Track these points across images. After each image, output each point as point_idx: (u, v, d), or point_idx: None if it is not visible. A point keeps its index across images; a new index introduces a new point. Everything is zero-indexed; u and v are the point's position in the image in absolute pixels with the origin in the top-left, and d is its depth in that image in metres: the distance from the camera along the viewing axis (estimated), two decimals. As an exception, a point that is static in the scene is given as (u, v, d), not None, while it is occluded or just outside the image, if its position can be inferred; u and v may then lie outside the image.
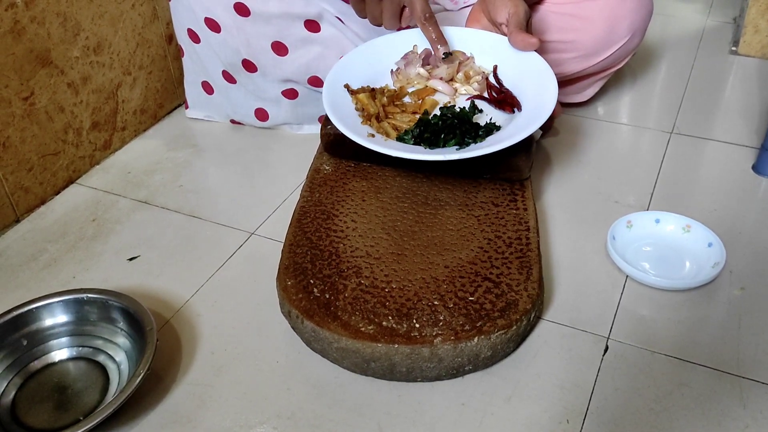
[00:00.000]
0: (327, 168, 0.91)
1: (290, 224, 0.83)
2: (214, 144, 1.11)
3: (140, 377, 0.65)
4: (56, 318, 0.74)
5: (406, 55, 0.92)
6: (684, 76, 1.25)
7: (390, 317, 0.69)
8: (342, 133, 0.89)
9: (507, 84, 0.89)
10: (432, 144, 0.81)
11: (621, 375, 0.70)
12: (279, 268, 0.77)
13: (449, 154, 0.77)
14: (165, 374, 0.71)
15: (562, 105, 1.10)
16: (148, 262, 0.87)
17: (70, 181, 1.02)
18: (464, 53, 0.92)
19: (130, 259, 0.87)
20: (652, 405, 0.66)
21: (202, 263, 0.86)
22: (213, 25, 1.00)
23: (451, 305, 0.70)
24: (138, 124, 1.13)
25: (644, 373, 0.70)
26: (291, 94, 1.06)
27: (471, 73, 0.91)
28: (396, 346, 0.66)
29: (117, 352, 0.73)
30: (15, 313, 0.72)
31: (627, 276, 0.81)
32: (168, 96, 1.19)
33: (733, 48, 1.32)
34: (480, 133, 0.82)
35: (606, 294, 0.79)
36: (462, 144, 0.80)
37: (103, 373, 0.71)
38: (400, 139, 0.82)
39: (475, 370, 0.70)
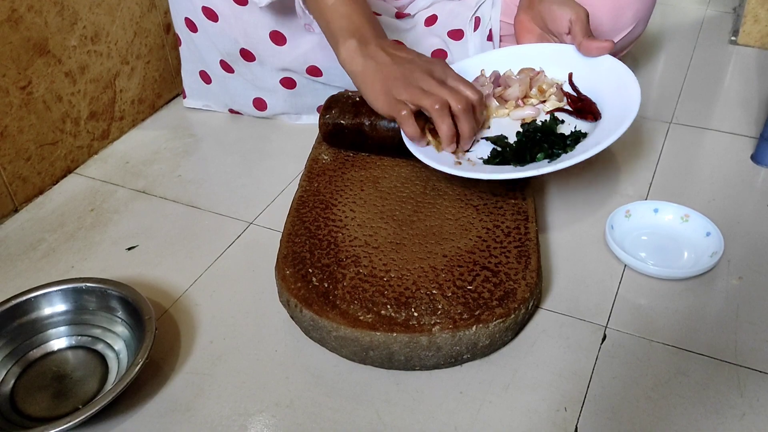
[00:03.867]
0: (325, 158, 0.91)
1: (289, 214, 0.83)
2: (213, 134, 1.10)
3: (139, 366, 0.65)
4: (55, 307, 0.74)
5: (476, 79, 0.90)
6: (683, 65, 1.25)
7: (388, 306, 0.69)
8: (341, 123, 0.89)
9: (583, 91, 0.88)
10: (521, 161, 0.80)
11: (619, 363, 0.70)
12: (278, 258, 0.77)
13: (541, 168, 0.76)
14: (164, 363, 0.72)
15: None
16: (146, 252, 0.87)
17: (68, 171, 1.02)
18: (533, 69, 0.91)
19: (129, 249, 0.87)
20: (650, 393, 0.67)
21: (200, 253, 0.86)
22: (210, 14, 1.00)
23: (450, 294, 0.70)
24: (136, 114, 1.13)
25: (642, 362, 0.70)
26: (288, 83, 1.06)
27: (544, 86, 0.89)
28: (394, 334, 0.66)
29: (116, 341, 0.73)
30: (14, 302, 0.72)
31: (625, 265, 0.81)
32: (166, 86, 1.18)
33: (733, 38, 1.32)
34: (568, 142, 0.81)
35: (604, 283, 0.79)
36: (551, 156, 0.80)
37: (101, 362, 0.71)
38: (487, 161, 0.82)
39: (473, 359, 0.70)
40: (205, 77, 1.10)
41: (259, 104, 1.09)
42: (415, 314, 0.68)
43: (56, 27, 0.95)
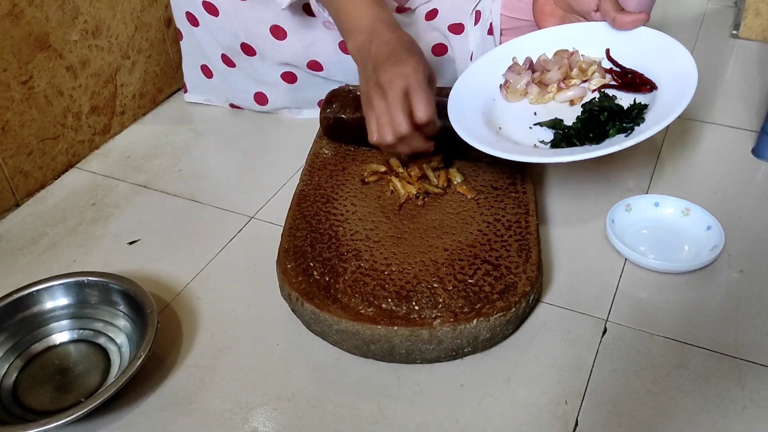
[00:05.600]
0: (326, 152, 0.91)
1: (290, 208, 0.83)
2: (214, 128, 1.10)
3: (141, 359, 0.65)
4: (57, 301, 0.74)
5: (510, 67, 0.87)
6: (684, 59, 1.24)
7: (389, 300, 0.69)
8: (342, 118, 0.89)
9: (625, 65, 0.84)
10: (587, 140, 0.77)
11: (619, 357, 0.70)
12: (279, 252, 0.77)
13: (620, 143, 0.72)
14: (166, 356, 0.72)
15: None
16: (148, 246, 0.87)
17: (70, 166, 1.02)
18: (567, 50, 0.87)
19: (131, 243, 0.87)
20: (651, 386, 0.67)
21: (202, 247, 0.86)
22: (211, 9, 1.00)
23: (451, 288, 0.70)
24: (137, 109, 1.13)
25: (642, 355, 0.70)
26: (289, 78, 1.05)
27: (584, 65, 0.85)
28: (395, 328, 0.66)
29: (118, 335, 0.73)
30: (16, 296, 0.73)
31: (626, 259, 0.81)
32: (167, 80, 1.18)
33: (734, 31, 1.32)
34: (633, 115, 0.77)
35: (605, 277, 0.79)
36: (624, 130, 0.76)
37: (104, 356, 0.71)
38: (554, 145, 0.78)
39: (474, 352, 0.70)
40: (207, 71, 1.10)
41: (260, 99, 1.09)
42: (416, 308, 0.68)
43: (57, 21, 0.94)
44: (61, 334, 0.74)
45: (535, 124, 0.82)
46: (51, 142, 0.98)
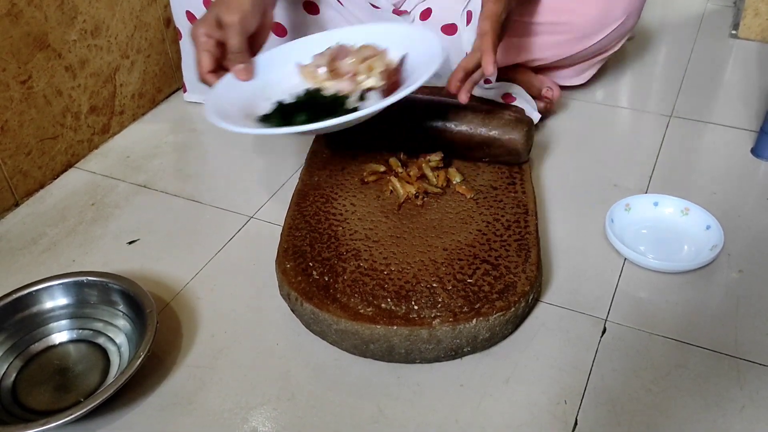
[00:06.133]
0: (325, 152, 0.91)
1: (289, 208, 0.83)
2: (213, 128, 1.09)
3: (141, 359, 0.65)
4: (56, 301, 0.74)
5: (323, 52, 0.88)
6: (683, 59, 1.24)
7: (389, 299, 0.69)
8: None
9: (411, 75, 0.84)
10: (285, 122, 0.78)
11: (619, 356, 0.70)
12: (278, 251, 0.77)
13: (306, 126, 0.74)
14: (165, 356, 0.72)
15: (561, 88, 1.10)
16: (147, 246, 0.87)
17: (69, 166, 1.02)
18: (376, 47, 0.87)
19: (130, 243, 0.87)
20: (650, 386, 0.67)
21: (201, 247, 0.86)
22: (211, 8, 0.99)
23: (450, 287, 0.70)
24: (136, 108, 1.13)
25: (642, 355, 0.70)
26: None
27: (374, 65, 0.85)
28: (395, 327, 0.67)
29: (117, 335, 0.73)
30: (15, 295, 0.73)
31: (625, 258, 0.81)
32: (166, 80, 1.18)
33: (733, 31, 1.32)
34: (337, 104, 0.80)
35: (604, 276, 0.79)
36: (311, 120, 0.76)
37: (103, 356, 0.71)
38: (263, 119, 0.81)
39: (473, 352, 0.70)
40: (206, 71, 1.10)
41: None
42: (416, 307, 0.68)
43: (56, 21, 0.94)
44: (60, 334, 0.74)
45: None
46: (50, 142, 0.98)
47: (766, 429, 0.63)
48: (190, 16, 1.03)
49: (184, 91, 1.17)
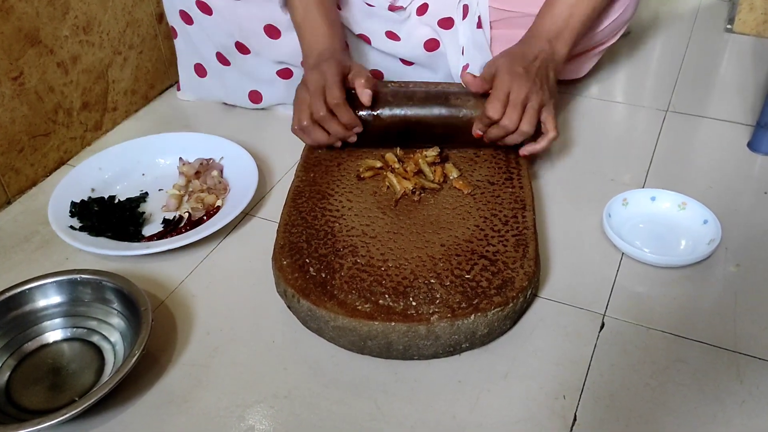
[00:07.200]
0: (321, 148, 0.90)
1: (285, 204, 0.82)
2: (207, 125, 1.09)
3: (135, 358, 0.64)
4: (50, 299, 0.73)
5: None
6: (679, 53, 1.24)
7: (386, 295, 0.68)
8: None
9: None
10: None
11: (617, 351, 0.70)
12: (274, 248, 0.76)
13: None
14: (160, 355, 0.71)
15: (558, 83, 1.09)
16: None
17: (62, 163, 1.01)
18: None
19: (124, 240, 0.86)
20: (649, 380, 0.67)
21: (196, 244, 0.85)
22: (204, 8, 0.98)
23: (448, 283, 0.69)
24: (129, 105, 1.12)
25: (640, 350, 0.70)
26: (286, 74, 1.05)
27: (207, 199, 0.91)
28: (393, 324, 0.66)
29: (111, 333, 0.72)
30: (8, 294, 0.72)
31: (623, 253, 0.81)
32: (159, 76, 1.17)
33: (729, 26, 1.32)
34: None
35: (602, 271, 0.79)
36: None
37: (98, 354, 0.71)
38: None
39: (471, 348, 0.70)
40: (200, 70, 1.09)
41: (255, 97, 1.08)
42: (414, 303, 0.68)
43: (48, 16, 0.93)
44: (54, 333, 0.73)
45: None
46: (42, 139, 0.97)
47: (766, 423, 0.63)
48: (184, 15, 1.02)
49: (178, 89, 1.16)
